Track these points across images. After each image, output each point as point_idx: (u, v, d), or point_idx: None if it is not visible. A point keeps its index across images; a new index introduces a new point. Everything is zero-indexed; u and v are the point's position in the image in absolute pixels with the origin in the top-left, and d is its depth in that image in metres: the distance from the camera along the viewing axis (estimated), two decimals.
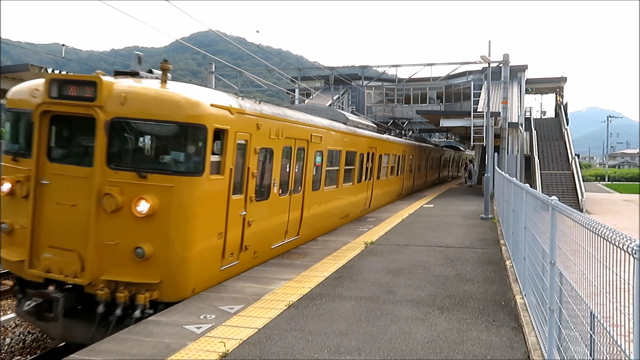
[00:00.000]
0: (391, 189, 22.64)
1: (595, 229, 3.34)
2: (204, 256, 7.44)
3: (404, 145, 25.41)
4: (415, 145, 27.85)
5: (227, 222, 7.83)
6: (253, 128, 8.46)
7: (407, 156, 25.66)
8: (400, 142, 23.77)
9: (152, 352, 5.32)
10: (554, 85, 42.12)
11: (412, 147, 26.89)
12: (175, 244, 6.96)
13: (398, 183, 24.08)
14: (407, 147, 25.52)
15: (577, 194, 25.74)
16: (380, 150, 19.57)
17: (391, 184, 22.41)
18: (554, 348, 4.59)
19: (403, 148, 24.78)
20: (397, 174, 24.15)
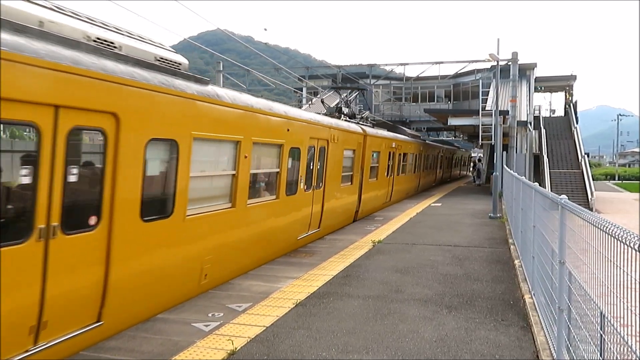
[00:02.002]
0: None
1: (605, 228, 3.32)
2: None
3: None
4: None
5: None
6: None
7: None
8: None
9: (160, 349, 5.35)
10: (564, 84, 41.85)
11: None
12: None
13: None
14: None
15: (587, 193, 25.55)
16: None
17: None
18: (563, 348, 4.56)
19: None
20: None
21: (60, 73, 4.79)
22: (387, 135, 19.20)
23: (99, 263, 5.40)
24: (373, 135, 16.92)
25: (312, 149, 11.51)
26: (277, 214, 9.87)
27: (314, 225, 12.05)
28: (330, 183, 12.76)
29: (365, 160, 15.99)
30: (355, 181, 15.27)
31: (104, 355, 5.20)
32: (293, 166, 10.53)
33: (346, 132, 13.97)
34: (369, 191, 16.86)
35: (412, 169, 24.84)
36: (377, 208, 18.63)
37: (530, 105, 30.79)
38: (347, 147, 14.15)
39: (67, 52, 4.99)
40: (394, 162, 20.44)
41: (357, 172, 15.24)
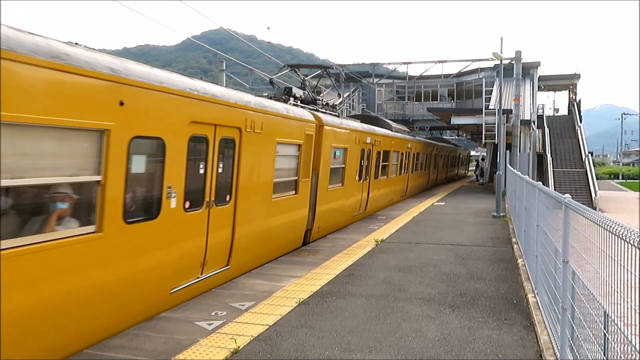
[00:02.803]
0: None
1: (609, 227, 3.31)
2: None
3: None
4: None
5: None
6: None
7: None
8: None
9: (164, 348, 5.36)
10: (567, 82, 41.75)
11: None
12: None
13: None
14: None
15: (591, 192, 25.50)
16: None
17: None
18: (567, 347, 4.55)
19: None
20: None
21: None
22: (359, 128, 14.95)
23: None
24: (334, 126, 12.68)
25: (201, 142, 7.28)
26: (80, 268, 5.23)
27: (214, 265, 7.73)
28: (250, 195, 8.54)
29: (322, 159, 11.94)
30: (304, 189, 11.05)
31: (108, 354, 5.22)
32: (149, 172, 6.34)
33: (280, 118, 9.57)
34: (329, 201, 12.79)
35: (398, 170, 20.84)
36: (348, 222, 14.59)
37: (533, 104, 30.71)
38: (285, 139, 9.87)
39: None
40: (371, 162, 16.39)
41: (304, 175, 10.97)
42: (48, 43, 4.83)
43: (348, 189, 14.29)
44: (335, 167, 13.12)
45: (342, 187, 13.73)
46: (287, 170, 10.41)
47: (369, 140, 15.89)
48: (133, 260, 5.96)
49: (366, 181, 16.12)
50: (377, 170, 17.37)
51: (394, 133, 20.24)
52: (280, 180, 9.90)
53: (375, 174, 17.23)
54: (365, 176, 15.95)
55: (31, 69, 4.52)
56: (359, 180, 15.33)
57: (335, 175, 13.26)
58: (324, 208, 12.37)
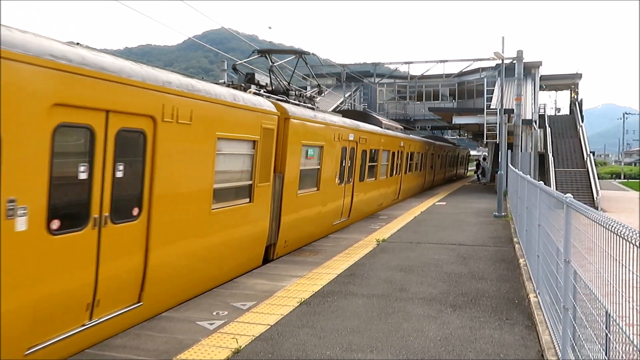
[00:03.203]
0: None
1: (610, 226, 3.30)
2: None
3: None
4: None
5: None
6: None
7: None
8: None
9: (165, 347, 5.37)
10: (569, 82, 41.70)
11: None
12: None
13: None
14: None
15: (592, 191, 25.45)
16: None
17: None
18: (568, 347, 4.54)
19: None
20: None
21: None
22: (339, 123, 12.98)
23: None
24: (304, 120, 10.69)
25: (80, 134, 5.28)
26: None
27: (114, 304, 5.76)
28: (174, 207, 6.58)
29: (289, 159, 10.00)
30: (262, 196, 9.03)
31: (109, 353, 5.23)
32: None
33: (222, 107, 7.54)
34: (300, 209, 10.83)
35: (388, 171, 18.90)
36: (327, 232, 12.69)
37: (535, 104, 30.69)
38: (230, 134, 7.85)
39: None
40: (355, 163, 14.45)
41: (262, 179, 8.97)
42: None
43: (325, 193, 12.23)
44: (307, 169, 11.13)
45: (317, 192, 11.68)
46: (236, 173, 8.34)
47: (353, 137, 13.87)
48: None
49: (350, 184, 14.13)
50: (363, 172, 15.39)
51: (384, 130, 18.34)
52: (225, 187, 7.90)
53: (361, 176, 15.24)
54: (349, 179, 14.00)
55: None
56: (341, 183, 13.35)
57: (308, 178, 11.27)
58: (292, 217, 10.35)
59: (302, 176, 10.74)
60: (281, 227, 9.96)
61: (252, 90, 9.72)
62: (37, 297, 4.72)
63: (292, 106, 10.54)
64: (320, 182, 11.82)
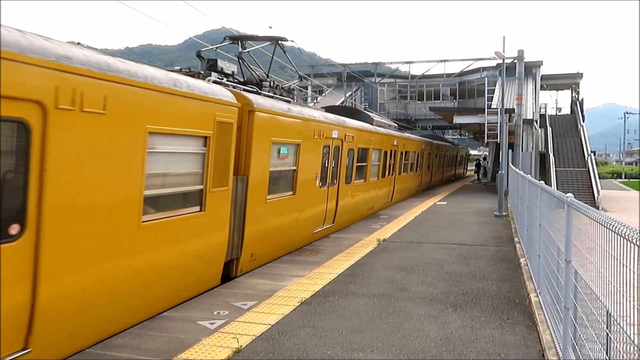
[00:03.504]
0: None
1: (611, 225, 3.30)
2: None
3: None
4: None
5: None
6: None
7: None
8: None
9: (166, 347, 5.37)
10: (570, 82, 41.69)
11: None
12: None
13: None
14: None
15: (593, 191, 25.46)
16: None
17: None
18: (569, 346, 4.54)
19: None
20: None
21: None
22: (320, 118, 11.49)
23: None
24: (274, 113, 9.25)
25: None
26: None
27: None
28: (80, 220, 5.14)
29: (254, 158, 8.54)
30: (218, 203, 7.52)
31: (110, 353, 5.24)
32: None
33: (155, 94, 6.08)
34: (270, 217, 9.36)
35: (380, 171, 17.55)
36: (306, 241, 11.33)
37: (536, 103, 30.68)
38: (169, 127, 6.36)
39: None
40: (340, 163, 13.02)
41: (218, 183, 7.43)
42: None
43: (303, 198, 10.75)
44: (280, 170, 9.75)
45: (292, 196, 10.25)
46: (180, 177, 6.77)
47: (337, 134, 12.44)
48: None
49: (334, 187, 12.78)
50: (350, 173, 14.01)
51: (375, 128, 16.86)
52: (162, 193, 6.48)
53: (348, 178, 13.86)
54: (333, 181, 12.66)
55: None
56: (323, 186, 11.96)
57: (282, 181, 9.94)
58: (260, 227, 8.95)
59: (272, 179, 9.29)
60: (245, 238, 8.44)
61: (211, 78, 8.29)
62: None
63: (259, 97, 9.09)
64: (297, 185, 10.38)
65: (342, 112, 15.48)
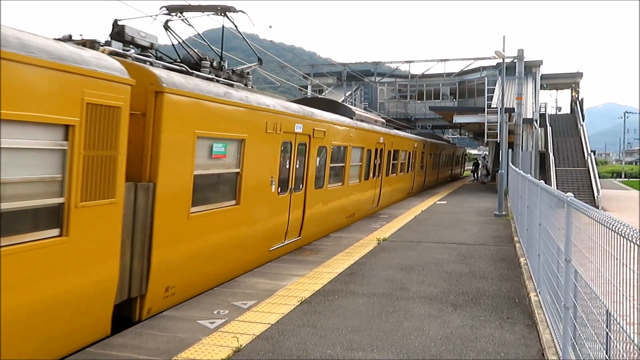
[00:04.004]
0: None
1: (610, 224, 3.31)
2: None
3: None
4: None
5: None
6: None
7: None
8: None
9: (166, 346, 5.38)
10: (570, 81, 41.68)
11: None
12: None
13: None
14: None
15: (593, 190, 25.46)
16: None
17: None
18: (569, 346, 4.55)
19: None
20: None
21: None
22: (275, 108, 9.26)
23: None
24: (199, 98, 6.98)
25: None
26: None
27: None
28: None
29: (166, 157, 6.40)
30: (96, 223, 5.35)
31: (111, 352, 5.24)
32: None
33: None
34: (198, 235, 7.18)
35: (363, 173, 15.38)
36: (258, 262, 9.09)
37: (536, 103, 30.69)
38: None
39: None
40: (307, 164, 10.98)
41: (95, 194, 5.27)
42: None
43: (253, 208, 8.61)
44: (213, 174, 7.55)
45: (235, 207, 8.03)
46: (13, 186, 4.50)
47: (301, 128, 10.34)
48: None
49: (299, 193, 10.65)
50: (321, 175, 11.85)
51: (356, 122, 14.65)
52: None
53: (319, 181, 11.73)
54: (298, 185, 10.59)
55: None
56: (283, 192, 9.88)
57: (217, 188, 7.82)
58: (181, 250, 6.80)
59: (200, 185, 7.07)
60: (154, 268, 6.25)
61: (108, 48, 6.30)
62: None
63: (176, 75, 6.74)
64: (242, 193, 8.13)
65: (317, 104, 13.34)
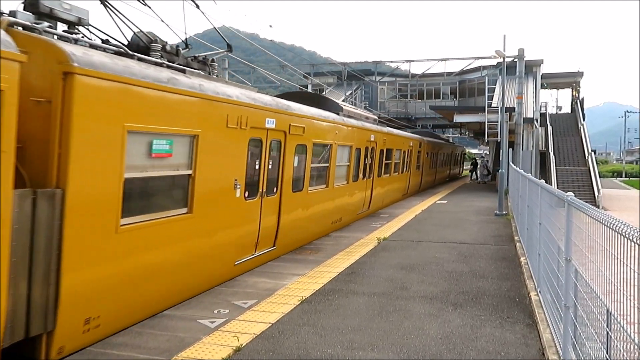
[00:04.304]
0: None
1: (612, 224, 3.30)
2: None
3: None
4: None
5: None
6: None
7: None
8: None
9: (167, 345, 5.38)
10: (570, 80, 41.66)
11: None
12: None
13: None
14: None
15: (594, 190, 25.46)
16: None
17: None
18: (569, 345, 4.55)
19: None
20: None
21: None
22: (239, 100, 7.94)
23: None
24: (128, 83, 5.57)
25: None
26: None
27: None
28: None
29: (75, 159, 4.97)
30: None
31: (111, 351, 5.24)
32: None
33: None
34: (134, 252, 5.90)
35: (350, 174, 13.75)
36: (214, 281, 7.70)
37: (536, 102, 30.68)
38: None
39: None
40: (282, 165, 9.58)
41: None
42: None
43: (210, 216, 7.33)
44: (153, 177, 6.29)
45: (186, 215, 6.77)
46: None
47: (274, 124, 8.95)
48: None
49: (273, 197, 9.27)
50: (300, 177, 10.50)
51: (343, 119, 13.06)
52: None
53: (297, 184, 10.36)
54: (271, 189, 9.25)
55: None
56: (251, 197, 8.51)
57: (160, 194, 6.58)
58: (105, 272, 5.49)
59: (134, 191, 5.89)
60: (64, 296, 4.96)
61: (7, 19, 5.01)
62: None
63: (97, 54, 5.41)
64: (195, 199, 6.84)
65: (299, 98, 11.82)
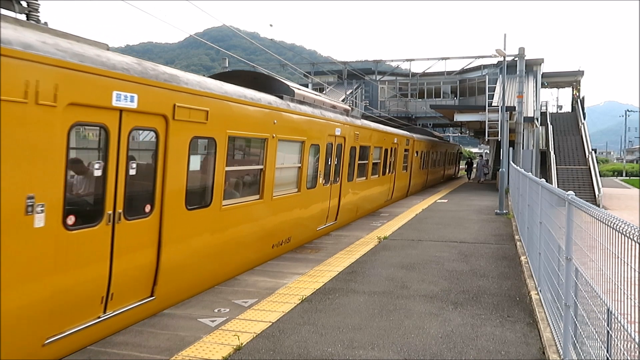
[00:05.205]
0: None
1: (612, 224, 3.30)
2: None
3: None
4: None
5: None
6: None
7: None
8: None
9: (167, 344, 5.38)
10: (571, 79, 41.63)
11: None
12: None
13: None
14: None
15: (594, 189, 25.47)
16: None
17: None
18: (570, 344, 4.55)
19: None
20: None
21: None
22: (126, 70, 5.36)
23: None
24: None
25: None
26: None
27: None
28: None
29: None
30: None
31: (112, 350, 5.25)
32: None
33: None
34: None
35: (302, 179, 10.44)
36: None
37: (537, 101, 30.66)
38: None
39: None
40: (165, 168, 6.16)
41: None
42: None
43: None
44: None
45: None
46: None
47: (134, 101, 5.55)
48: None
49: (146, 220, 6.03)
50: (204, 187, 7.23)
51: (288, 104, 9.73)
52: None
53: (199, 197, 7.11)
54: (141, 208, 5.98)
55: None
56: (88, 223, 5.22)
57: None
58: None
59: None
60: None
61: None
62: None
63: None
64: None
65: (239, 79, 9.38)
